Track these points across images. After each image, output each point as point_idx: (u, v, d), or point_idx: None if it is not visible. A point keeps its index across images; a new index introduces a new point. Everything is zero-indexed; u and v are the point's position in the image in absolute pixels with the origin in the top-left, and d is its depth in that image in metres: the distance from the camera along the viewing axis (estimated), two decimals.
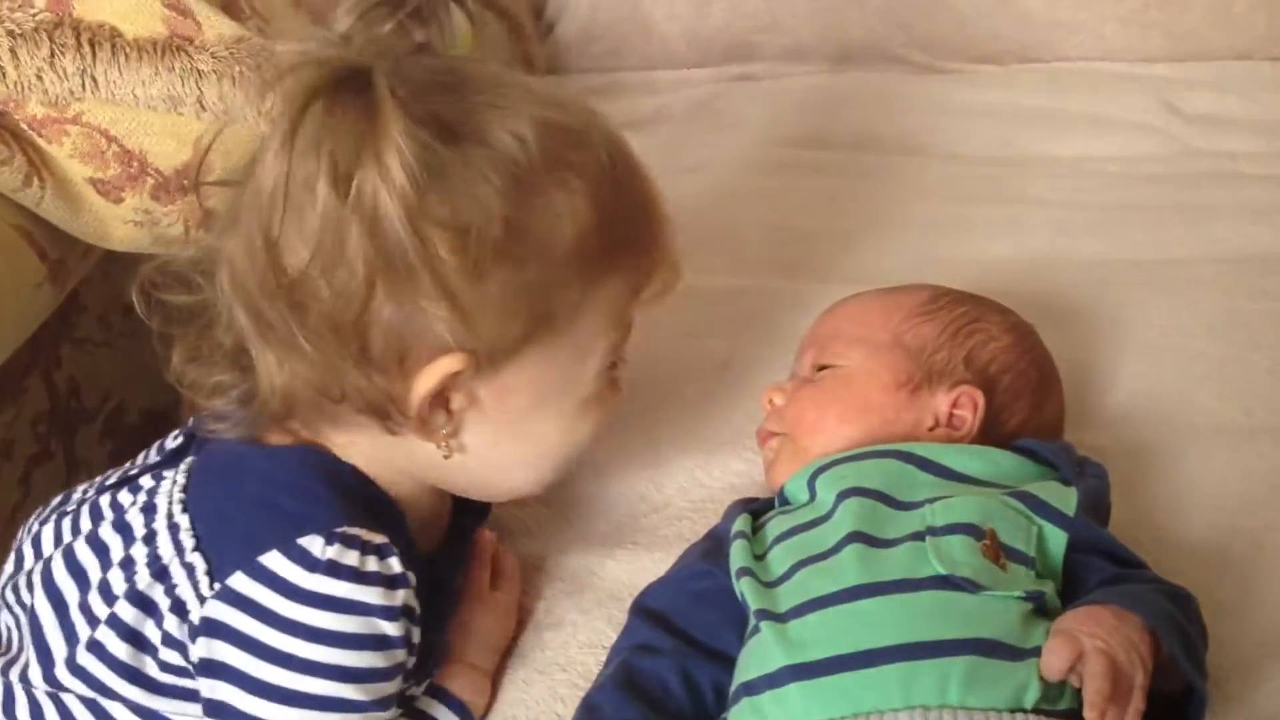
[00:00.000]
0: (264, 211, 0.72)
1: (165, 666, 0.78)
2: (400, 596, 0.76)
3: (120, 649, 0.78)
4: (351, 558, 0.75)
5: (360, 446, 0.80)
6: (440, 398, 0.77)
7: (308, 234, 0.71)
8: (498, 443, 0.80)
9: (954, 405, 0.90)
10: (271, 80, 0.74)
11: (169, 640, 0.77)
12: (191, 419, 0.84)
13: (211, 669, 0.75)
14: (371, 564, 0.75)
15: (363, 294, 0.71)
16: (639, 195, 0.80)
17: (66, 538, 0.83)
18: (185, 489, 0.81)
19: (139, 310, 0.80)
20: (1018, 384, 0.93)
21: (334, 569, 0.74)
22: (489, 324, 0.74)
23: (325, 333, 0.72)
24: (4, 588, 0.86)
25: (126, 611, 0.78)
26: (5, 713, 0.82)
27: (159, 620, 0.77)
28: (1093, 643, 0.71)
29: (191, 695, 0.78)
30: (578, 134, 0.76)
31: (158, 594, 0.78)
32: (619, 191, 0.78)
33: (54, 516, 0.86)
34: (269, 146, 0.71)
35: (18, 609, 0.84)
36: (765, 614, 0.78)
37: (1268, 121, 1.42)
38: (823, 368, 0.95)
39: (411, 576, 0.77)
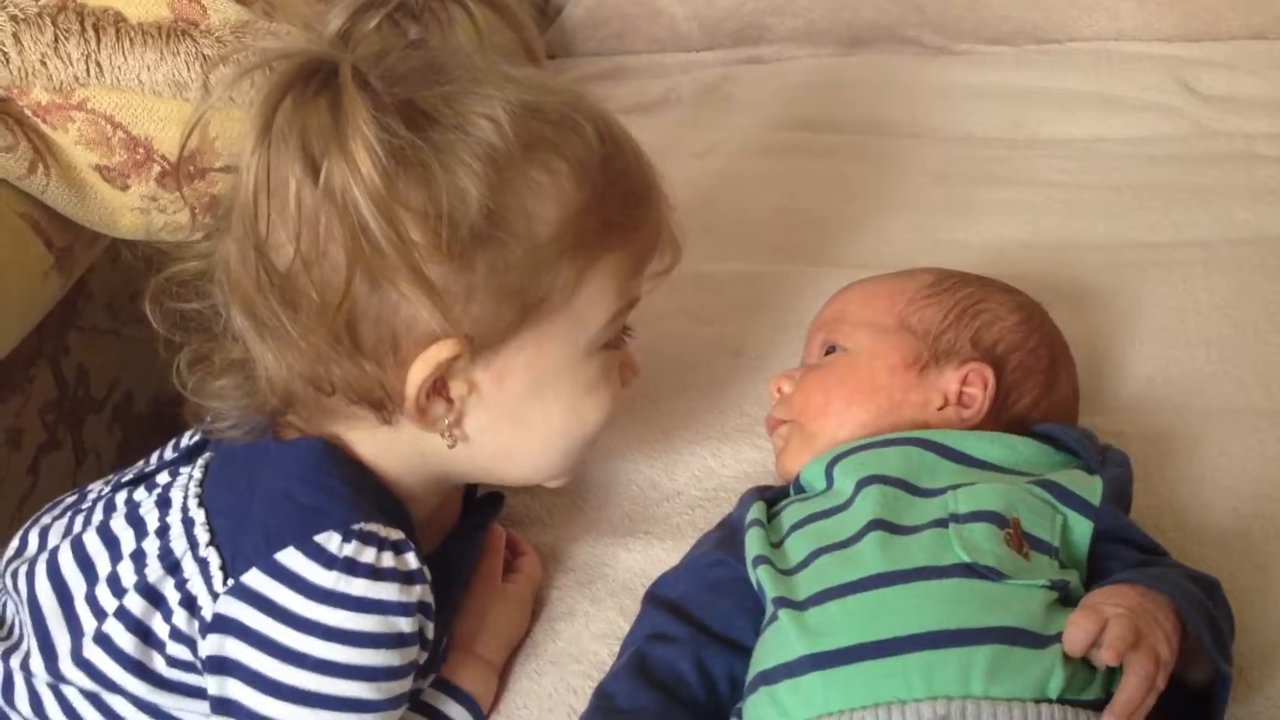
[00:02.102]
0: (249, 211, 0.72)
1: (172, 661, 0.77)
2: (417, 592, 0.76)
3: (127, 642, 0.77)
4: (369, 554, 0.74)
5: (365, 441, 0.79)
6: (439, 386, 0.76)
7: (289, 229, 0.71)
8: (500, 429, 0.79)
9: (963, 383, 0.89)
10: (248, 72, 0.74)
11: (177, 635, 0.77)
12: (200, 424, 0.84)
13: (221, 666, 0.75)
14: (388, 560, 0.75)
15: (344, 284, 0.71)
16: (631, 174, 0.79)
17: (76, 529, 0.83)
18: (201, 483, 0.80)
19: (152, 320, 0.80)
20: (1028, 362, 0.92)
21: (351, 566, 0.74)
22: (479, 308, 0.74)
23: (316, 325, 0.72)
24: (4, 571, 0.85)
25: (135, 604, 0.77)
26: (4, 700, 0.81)
27: (167, 614, 0.77)
28: (1116, 611, 0.71)
29: (198, 692, 0.77)
30: (560, 115, 0.76)
31: (168, 588, 0.77)
32: (609, 171, 0.77)
33: (68, 513, 0.85)
34: (245, 146, 0.71)
35: (16, 596, 0.83)
36: (784, 601, 0.78)
37: None
38: (829, 352, 0.94)
39: (427, 571, 0.77)
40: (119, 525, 0.80)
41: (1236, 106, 1.41)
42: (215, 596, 0.75)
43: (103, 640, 0.77)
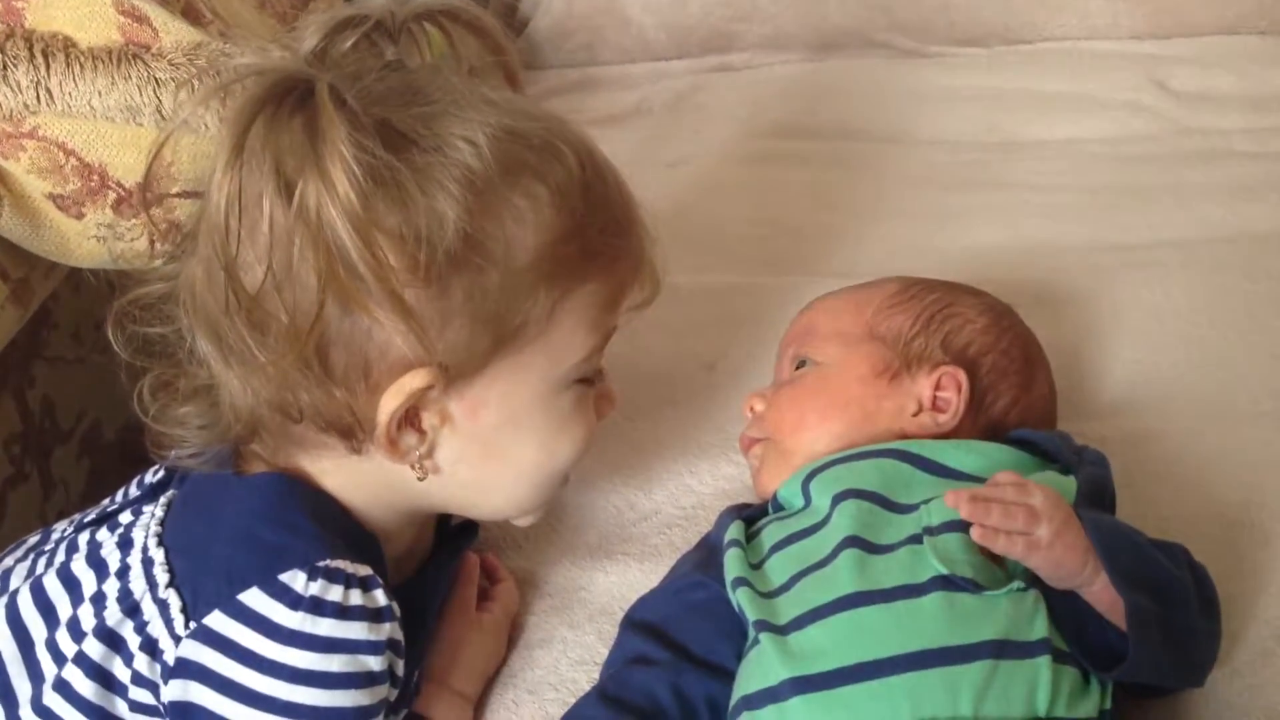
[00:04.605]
0: (219, 231, 0.70)
1: (135, 706, 0.75)
2: (386, 630, 0.74)
3: (87, 688, 0.75)
4: (335, 593, 0.72)
5: (333, 473, 0.77)
6: (411, 417, 0.74)
7: (260, 250, 0.70)
8: (472, 463, 0.77)
9: (937, 388, 0.88)
10: (220, 89, 0.73)
11: (139, 679, 0.75)
12: (163, 457, 0.81)
13: (185, 712, 0.72)
14: (355, 598, 0.73)
15: (316, 307, 0.69)
16: (612, 203, 0.78)
17: (38, 572, 0.80)
18: (163, 522, 0.78)
19: (115, 344, 0.78)
20: (1001, 363, 0.91)
21: (317, 606, 0.72)
22: (454, 335, 0.72)
23: (285, 350, 0.70)
24: None
25: (94, 648, 0.75)
26: None
27: (128, 659, 0.75)
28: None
29: None
30: (542, 140, 0.74)
31: (127, 631, 0.75)
32: (590, 199, 0.75)
33: (30, 554, 0.83)
34: (217, 164, 0.69)
35: None
36: (764, 625, 0.76)
37: (1258, 96, 1.39)
38: (801, 366, 0.93)
39: (396, 608, 0.75)
40: (80, 567, 0.78)
41: (1210, 103, 1.40)
42: (177, 640, 0.73)
43: (62, 687, 0.75)
